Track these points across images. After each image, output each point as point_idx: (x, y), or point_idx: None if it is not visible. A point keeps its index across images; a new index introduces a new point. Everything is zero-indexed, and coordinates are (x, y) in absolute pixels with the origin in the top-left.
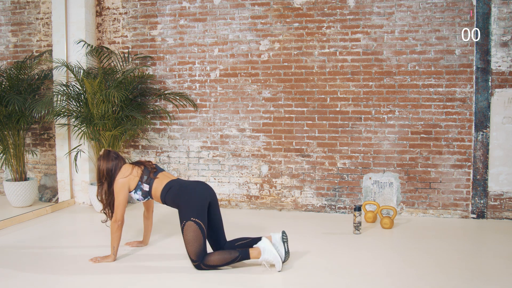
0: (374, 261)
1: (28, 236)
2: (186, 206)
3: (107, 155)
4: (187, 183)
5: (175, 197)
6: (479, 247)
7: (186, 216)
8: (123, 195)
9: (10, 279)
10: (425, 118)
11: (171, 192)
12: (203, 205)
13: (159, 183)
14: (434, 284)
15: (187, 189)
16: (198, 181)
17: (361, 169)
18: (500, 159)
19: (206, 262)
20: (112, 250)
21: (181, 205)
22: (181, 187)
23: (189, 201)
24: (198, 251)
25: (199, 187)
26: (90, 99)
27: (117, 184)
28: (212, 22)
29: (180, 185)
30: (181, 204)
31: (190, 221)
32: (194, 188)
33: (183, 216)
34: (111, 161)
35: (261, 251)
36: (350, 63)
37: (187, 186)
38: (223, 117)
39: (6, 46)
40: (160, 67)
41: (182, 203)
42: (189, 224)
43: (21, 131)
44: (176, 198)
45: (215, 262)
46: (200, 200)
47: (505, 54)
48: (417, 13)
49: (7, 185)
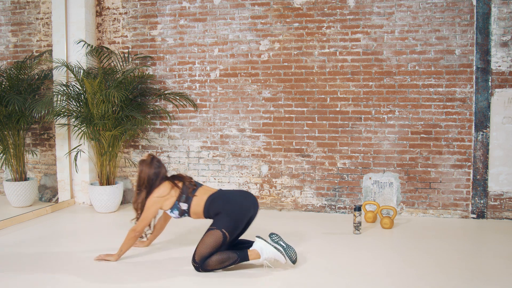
0: (374, 261)
1: (28, 236)
2: (225, 216)
3: (150, 162)
4: (233, 195)
5: (218, 208)
6: (479, 247)
7: (219, 224)
8: (153, 212)
9: (10, 279)
10: (425, 118)
11: (214, 205)
12: (242, 220)
13: (198, 200)
14: (434, 284)
15: (233, 201)
16: (244, 193)
17: (361, 169)
18: (500, 159)
19: (205, 266)
20: (119, 252)
21: (221, 213)
22: (226, 198)
23: (230, 214)
24: (205, 255)
25: (246, 201)
26: (90, 99)
27: (151, 200)
28: (212, 22)
29: (224, 196)
30: (222, 212)
31: (219, 231)
32: (241, 202)
33: (217, 223)
34: (154, 168)
35: (259, 252)
36: (350, 63)
37: (233, 198)
38: (223, 117)
39: (6, 46)
40: (160, 67)
41: (224, 211)
42: (217, 232)
43: (21, 131)
44: (219, 208)
45: (213, 266)
46: (242, 216)
47: (505, 54)
48: (417, 13)
49: (7, 185)
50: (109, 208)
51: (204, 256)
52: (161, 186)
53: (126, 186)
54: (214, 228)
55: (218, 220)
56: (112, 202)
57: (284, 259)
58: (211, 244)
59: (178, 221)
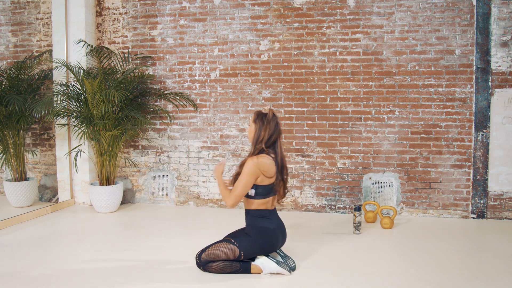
0: (374, 261)
1: (28, 236)
2: (252, 243)
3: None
4: (273, 232)
5: (254, 231)
6: (479, 247)
7: (243, 245)
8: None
9: (10, 279)
10: (425, 118)
11: (255, 225)
12: (264, 252)
13: (257, 204)
14: (434, 284)
15: (269, 237)
16: (283, 230)
17: (361, 169)
18: (500, 159)
19: (207, 268)
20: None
21: (252, 238)
22: (266, 229)
23: (258, 245)
24: (211, 259)
25: (279, 241)
26: (90, 99)
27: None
28: (212, 22)
29: (267, 225)
30: (253, 238)
31: (238, 250)
32: (275, 243)
33: (242, 242)
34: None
35: (261, 267)
36: (350, 63)
37: (271, 235)
38: (223, 117)
39: (6, 46)
40: (160, 67)
41: (255, 239)
42: (235, 250)
43: (21, 131)
44: (254, 233)
45: (215, 270)
46: (266, 251)
47: (505, 54)
48: (417, 13)
49: (7, 185)
50: (109, 208)
51: (211, 260)
52: (266, 156)
53: (126, 186)
54: (236, 245)
55: (244, 241)
56: (112, 202)
57: (287, 272)
58: (223, 255)
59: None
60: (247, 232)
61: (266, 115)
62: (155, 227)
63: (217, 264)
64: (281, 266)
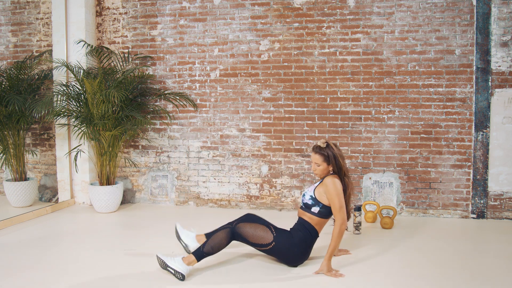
0: (374, 261)
1: (28, 236)
2: (290, 245)
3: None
4: (310, 250)
5: (301, 236)
6: (479, 247)
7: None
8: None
9: (10, 279)
10: (425, 118)
11: (307, 234)
12: (287, 259)
13: (317, 221)
14: (434, 284)
15: (305, 252)
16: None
17: (361, 169)
18: (500, 159)
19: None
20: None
21: (293, 240)
22: (310, 244)
23: (293, 249)
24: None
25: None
26: (90, 99)
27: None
28: (212, 22)
29: (307, 243)
30: (293, 240)
31: (271, 242)
32: (301, 261)
33: (281, 239)
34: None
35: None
36: (350, 63)
37: (308, 251)
38: (223, 117)
39: (6, 46)
40: (160, 67)
41: (294, 241)
42: (269, 240)
43: (21, 131)
44: (300, 236)
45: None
46: (291, 260)
47: (505, 54)
48: (417, 13)
49: (7, 185)
50: (109, 208)
51: (243, 233)
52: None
53: (126, 186)
54: (273, 234)
55: (284, 236)
56: (112, 202)
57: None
58: (256, 236)
59: None
60: (291, 231)
61: (328, 146)
62: (155, 227)
63: (225, 241)
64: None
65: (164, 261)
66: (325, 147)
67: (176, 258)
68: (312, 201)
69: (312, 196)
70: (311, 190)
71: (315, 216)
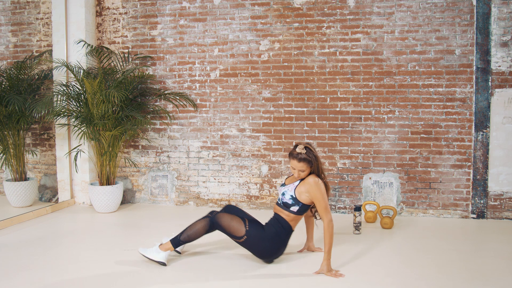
0: (374, 261)
1: (28, 236)
2: (261, 239)
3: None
4: (285, 245)
5: (274, 231)
6: (479, 247)
7: (251, 235)
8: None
9: (10, 279)
10: (425, 118)
11: (281, 230)
12: (260, 253)
13: (293, 218)
14: (434, 284)
15: (278, 248)
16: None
17: (361, 169)
18: (500, 159)
19: (215, 220)
20: (328, 255)
21: (265, 234)
22: (283, 240)
23: (264, 244)
24: (220, 223)
25: (277, 256)
26: (90, 99)
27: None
28: (212, 22)
29: (285, 238)
30: (265, 235)
31: (243, 236)
32: (275, 256)
33: (253, 232)
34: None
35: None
36: (350, 63)
37: (281, 247)
38: (223, 117)
39: (6, 46)
40: (160, 67)
41: (266, 236)
42: (241, 233)
43: (21, 131)
44: (273, 231)
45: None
46: (263, 254)
47: (505, 54)
48: (417, 13)
49: (7, 185)
50: (109, 208)
51: (220, 223)
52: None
53: (126, 186)
54: (246, 228)
55: (256, 230)
56: (112, 202)
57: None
58: (231, 227)
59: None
60: (265, 226)
61: (308, 150)
62: (155, 227)
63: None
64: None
65: (145, 256)
66: (306, 152)
67: (154, 248)
68: (293, 200)
69: (293, 196)
70: (291, 190)
71: (293, 213)
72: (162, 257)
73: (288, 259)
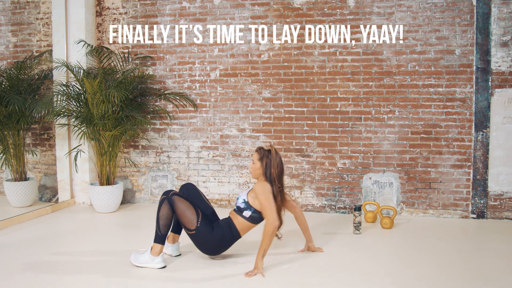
0: (374, 261)
1: (28, 236)
2: (208, 238)
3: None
4: (227, 248)
5: (222, 235)
6: (479, 247)
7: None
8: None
9: (10, 279)
10: (425, 118)
11: (229, 234)
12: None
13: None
14: (434, 284)
15: (220, 249)
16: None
17: (361, 169)
18: (500, 159)
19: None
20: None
21: (213, 234)
22: (227, 244)
23: (209, 244)
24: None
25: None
26: (90, 99)
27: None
28: (212, 22)
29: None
30: (213, 235)
31: (193, 230)
32: (217, 254)
33: (203, 229)
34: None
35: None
36: (350, 63)
37: (224, 248)
38: (223, 117)
39: (6, 46)
40: (160, 67)
41: (214, 236)
42: (192, 227)
43: (21, 131)
44: (221, 234)
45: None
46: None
47: (505, 54)
48: (417, 13)
49: (7, 185)
50: (109, 208)
51: (174, 205)
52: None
53: (126, 186)
54: (197, 224)
55: (206, 227)
56: (112, 202)
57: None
58: (183, 215)
59: None
60: (215, 226)
61: (269, 151)
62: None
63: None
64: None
65: (141, 266)
66: (267, 150)
67: (145, 255)
68: (245, 205)
69: (245, 200)
70: (244, 194)
71: (246, 220)
72: (158, 262)
73: (290, 261)
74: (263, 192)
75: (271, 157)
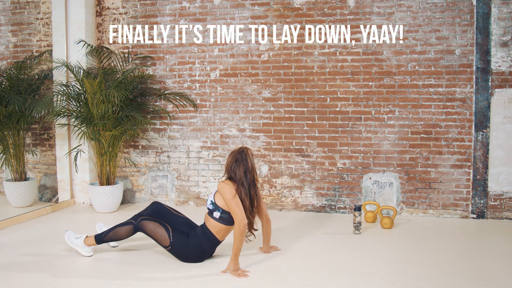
0: (374, 261)
1: (28, 236)
2: (185, 249)
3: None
4: (208, 255)
5: (198, 244)
6: (479, 247)
7: (176, 244)
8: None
9: (10, 279)
10: (425, 118)
11: (205, 241)
12: (187, 259)
13: (218, 228)
14: (434, 284)
15: (201, 257)
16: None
17: (361, 169)
18: (500, 159)
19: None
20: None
21: (189, 244)
22: (206, 252)
23: (187, 253)
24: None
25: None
26: (90, 99)
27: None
28: (212, 22)
29: (209, 250)
30: (190, 245)
31: (168, 246)
32: (198, 260)
33: (177, 242)
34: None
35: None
36: (350, 63)
37: (204, 256)
38: (223, 117)
39: (6, 46)
40: (160, 67)
41: (190, 246)
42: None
43: (21, 131)
44: (197, 244)
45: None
46: (189, 261)
47: (505, 54)
48: (417, 13)
49: (7, 185)
50: (109, 208)
51: (144, 229)
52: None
53: (126, 186)
54: (170, 240)
55: (181, 240)
56: (112, 202)
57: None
58: (155, 234)
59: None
60: (190, 235)
61: (240, 153)
62: None
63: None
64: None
65: (70, 245)
66: (239, 151)
67: (79, 241)
68: (213, 206)
69: (212, 201)
70: (211, 196)
71: (218, 222)
72: (87, 251)
73: (290, 261)
74: (225, 191)
75: (238, 157)
